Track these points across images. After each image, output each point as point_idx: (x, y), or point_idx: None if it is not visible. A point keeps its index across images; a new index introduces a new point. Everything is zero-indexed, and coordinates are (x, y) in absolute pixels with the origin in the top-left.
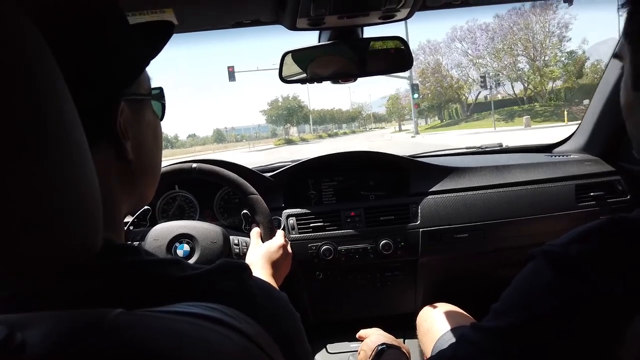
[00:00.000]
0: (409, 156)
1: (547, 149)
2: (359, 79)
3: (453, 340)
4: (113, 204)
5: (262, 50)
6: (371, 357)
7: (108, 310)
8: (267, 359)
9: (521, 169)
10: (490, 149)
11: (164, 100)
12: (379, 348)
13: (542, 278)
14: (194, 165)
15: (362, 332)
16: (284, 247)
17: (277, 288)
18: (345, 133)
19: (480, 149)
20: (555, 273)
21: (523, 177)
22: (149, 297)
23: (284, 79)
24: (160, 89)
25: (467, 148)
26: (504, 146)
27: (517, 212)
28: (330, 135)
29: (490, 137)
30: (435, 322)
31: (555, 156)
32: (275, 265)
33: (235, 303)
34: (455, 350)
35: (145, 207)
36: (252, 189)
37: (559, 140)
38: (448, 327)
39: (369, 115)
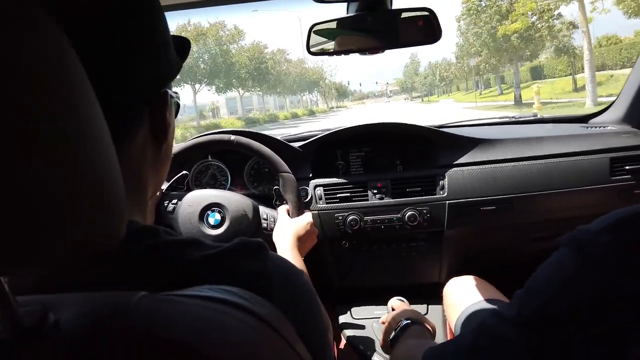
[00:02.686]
0: (439, 126)
1: (583, 119)
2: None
3: (475, 316)
4: (144, 188)
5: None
6: (395, 332)
7: (132, 293)
8: (282, 340)
9: (553, 141)
10: (524, 119)
11: (179, 100)
12: (403, 323)
13: (568, 269)
14: (233, 137)
15: (392, 303)
16: (311, 224)
17: (301, 259)
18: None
19: (513, 119)
20: (582, 264)
21: (555, 149)
22: (168, 278)
23: (311, 51)
24: (176, 92)
25: (500, 118)
26: (538, 116)
27: (546, 185)
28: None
29: None
30: (461, 295)
31: (591, 127)
32: (301, 240)
33: (252, 284)
34: (475, 337)
35: (184, 172)
36: (286, 167)
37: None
38: (473, 301)
39: (330, 85)
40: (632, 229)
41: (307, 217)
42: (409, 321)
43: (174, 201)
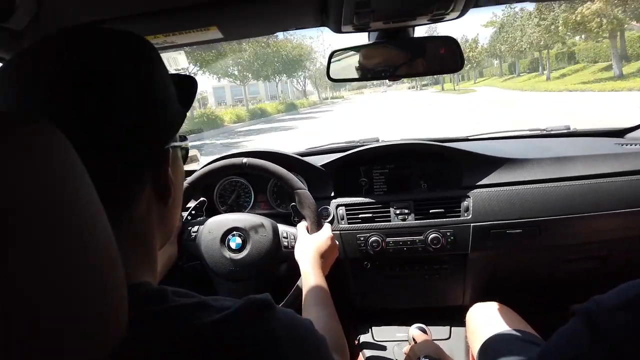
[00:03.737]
0: (464, 137)
1: (619, 133)
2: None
3: (498, 346)
4: (152, 244)
5: None
6: None
7: None
8: None
9: (584, 161)
10: (556, 132)
11: (188, 146)
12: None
13: (580, 344)
14: (244, 160)
15: (413, 332)
16: (331, 238)
17: (324, 277)
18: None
19: (544, 132)
20: (593, 342)
21: (586, 170)
22: (176, 350)
23: (331, 78)
24: (184, 136)
25: (530, 130)
26: (571, 129)
27: (576, 208)
28: None
29: None
30: (484, 323)
31: (626, 145)
32: (323, 256)
33: (258, 350)
34: None
35: (202, 198)
36: (299, 184)
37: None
38: (496, 330)
39: (323, 70)
40: None
41: (326, 232)
42: (427, 359)
43: (195, 228)
